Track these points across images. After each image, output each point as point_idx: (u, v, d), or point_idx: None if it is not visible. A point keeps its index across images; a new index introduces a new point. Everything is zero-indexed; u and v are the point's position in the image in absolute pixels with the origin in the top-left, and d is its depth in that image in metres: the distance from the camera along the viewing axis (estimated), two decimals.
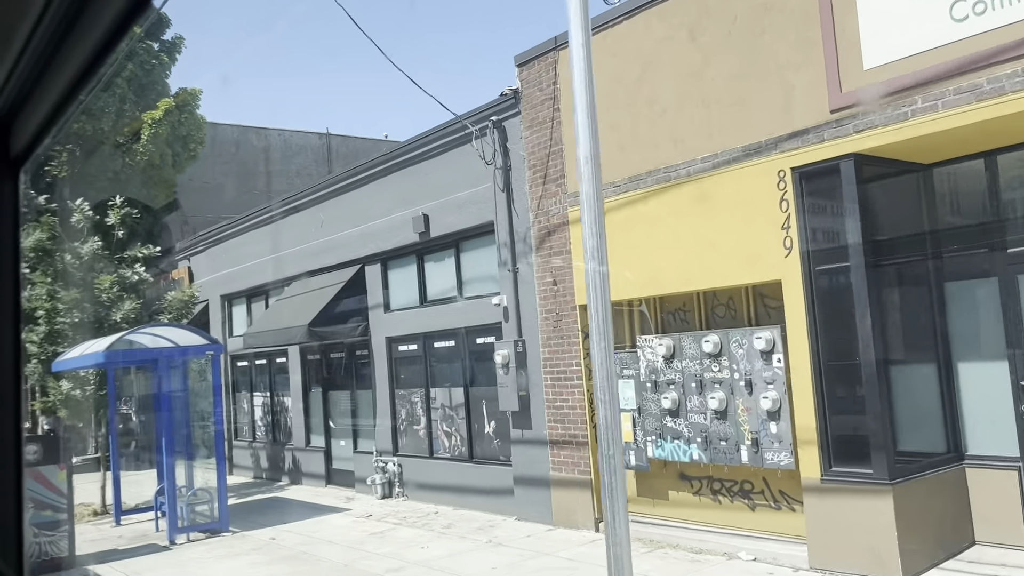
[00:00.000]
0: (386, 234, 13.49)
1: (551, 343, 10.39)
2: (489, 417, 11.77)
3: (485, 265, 11.78)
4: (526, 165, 10.73)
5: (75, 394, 14.29)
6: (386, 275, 13.91)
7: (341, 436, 15.28)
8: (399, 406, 13.64)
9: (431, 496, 12.73)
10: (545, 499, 10.50)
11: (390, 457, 13.64)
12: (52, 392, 14.19)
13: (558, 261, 10.25)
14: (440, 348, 12.73)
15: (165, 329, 12.01)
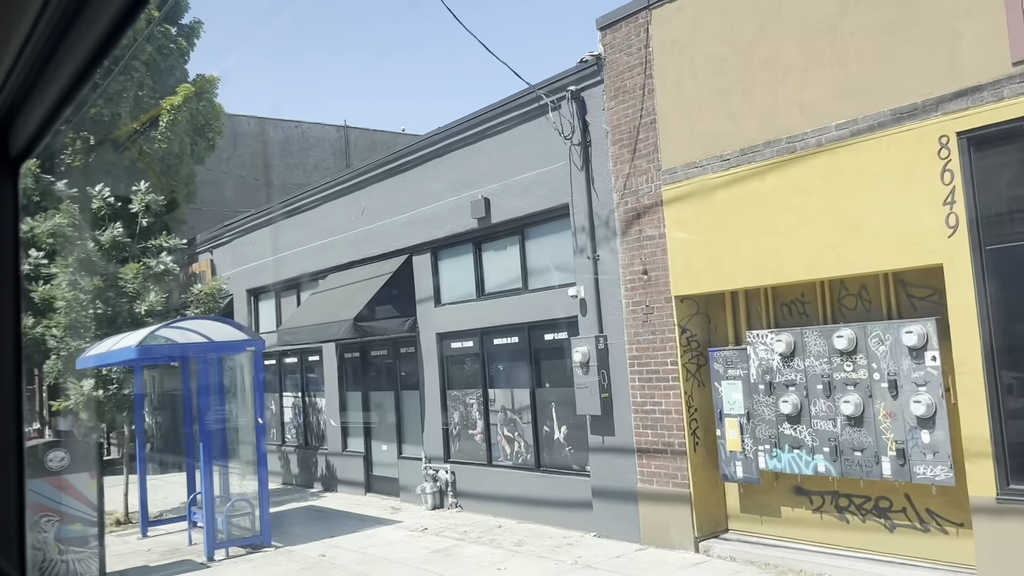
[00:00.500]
0: (438, 221, 12.36)
1: (640, 339, 9.25)
2: (560, 421, 10.64)
3: (556, 253, 10.64)
4: (609, 140, 9.60)
5: (97, 394, 13.18)
6: (437, 266, 12.78)
7: (383, 440, 14.15)
8: (451, 408, 12.51)
9: (489, 507, 11.60)
10: (631, 514, 9.37)
11: (441, 464, 12.51)
12: (73, 391, 13.07)
13: (650, 246, 9.11)
14: (501, 345, 11.59)
15: (200, 323, 10.90)
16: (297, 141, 34.38)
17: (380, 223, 13.71)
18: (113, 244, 13.90)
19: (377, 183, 13.84)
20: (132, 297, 13.57)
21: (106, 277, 13.55)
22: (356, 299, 13.07)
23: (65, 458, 9.15)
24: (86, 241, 13.75)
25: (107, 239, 13.83)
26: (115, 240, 13.89)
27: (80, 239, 13.79)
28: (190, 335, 10.83)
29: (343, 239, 14.72)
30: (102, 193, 14.48)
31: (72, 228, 13.78)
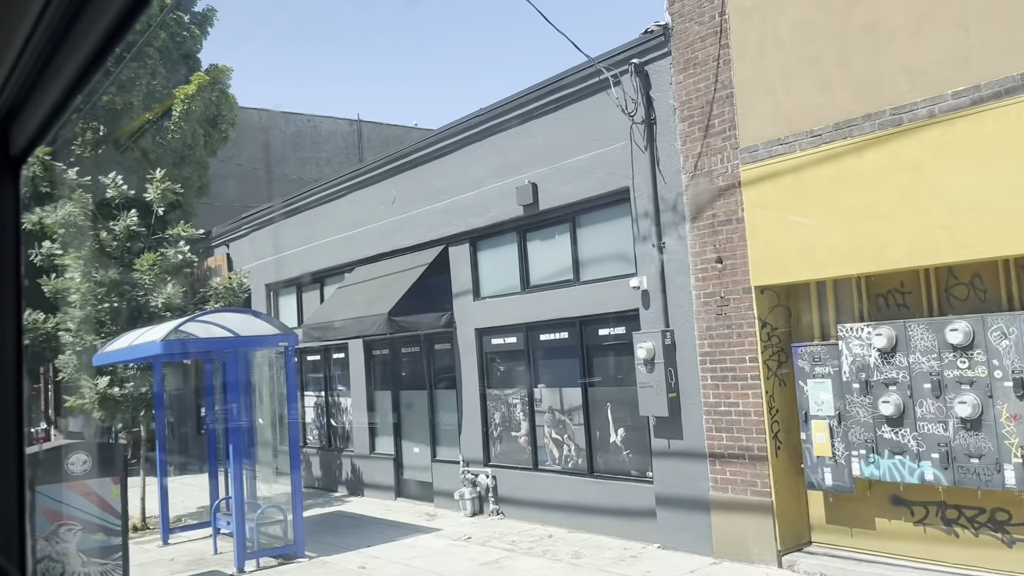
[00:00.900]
0: (478, 209, 11.60)
1: (713, 334, 8.48)
2: (616, 423, 9.86)
3: (613, 241, 9.88)
4: (677, 117, 8.83)
5: (113, 392, 12.42)
6: (476, 257, 12.01)
7: (415, 442, 13.38)
8: (492, 409, 11.74)
9: (535, 515, 10.83)
10: (701, 524, 8.60)
11: (481, 468, 11.74)
12: (87, 389, 12.31)
13: (725, 232, 8.34)
14: (548, 341, 10.82)
15: (227, 316, 10.13)
16: (309, 135, 33.69)
17: (413, 212, 12.95)
18: (128, 234, 13.16)
19: (410, 170, 13.08)
20: (148, 290, 12.82)
21: (121, 269, 12.80)
22: (389, 292, 12.31)
23: (88, 462, 8.39)
24: (99, 231, 13.00)
25: (121, 228, 13.08)
26: (129, 230, 13.14)
27: (93, 229, 13.05)
28: (216, 329, 10.07)
29: (372, 230, 13.96)
30: (115, 181, 13.74)
31: (85, 218, 13.03)
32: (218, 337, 9.62)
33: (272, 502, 10.29)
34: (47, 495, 8.12)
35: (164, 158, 20.61)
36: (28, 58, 1.11)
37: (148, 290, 12.74)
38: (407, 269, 12.72)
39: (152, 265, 12.82)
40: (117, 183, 13.72)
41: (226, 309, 11.07)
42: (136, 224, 13.10)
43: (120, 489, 8.57)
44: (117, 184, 13.66)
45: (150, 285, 12.74)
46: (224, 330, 10.09)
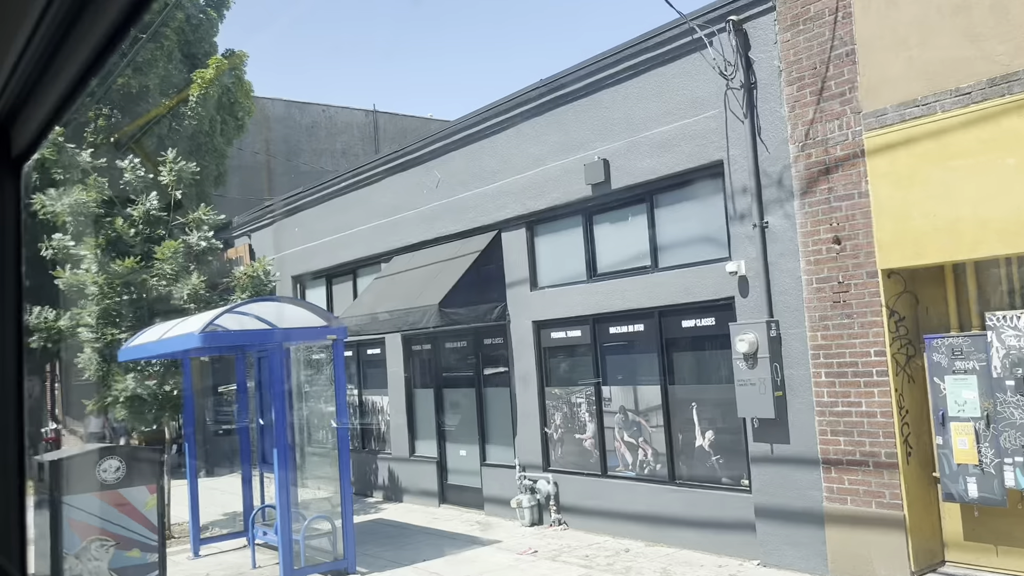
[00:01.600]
0: (537, 190, 10.60)
1: (828, 324, 7.48)
2: (703, 425, 8.87)
3: (701, 221, 8.88)
4: (783, 79, 7.83)
5: (141, 391, 11.44)
6: (533, 243, 11.02)
7: (461, 444, 12.39)
8: (552, 409, 10.75)
9: (604, 526, 9.85)
10: (813, 539, 7.61)
11: (540, 473, 10.75)
12: (116, 388, 11.32)
13: (844, 208, 7.34)
14: (620, 334, 9.83)
15: (268, 306, 9.15)
16: (324, 126, 32.75)
17: (460, 196, 11.96)
18: (147, 219, 12.17)
19: (456, 150, 12.09)
20: (171, 280, 11.83)
21: (141, 258, 11.82)
22: (438, 282, 11.32)
23: (121, 468, 7.42)
24: (116, 217, 12.00)
25: (141, 214, 12.08)
26: (149, 214, 12.15)
27: (109, 215, 12.05)
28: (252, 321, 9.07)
29: (412, 216, 12.97)
30: (133, 164, 12.76)
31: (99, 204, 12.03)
32: (261, 329, 8.63)
33: (321, 512, 9.30)
34: (77, 506, 7.15)
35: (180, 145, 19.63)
36: (30, 58, 1.11)
37: (171, 280, 11.75)
38: (455, 257, 11.74)
39: (174, 253, 11.84)
40: (135, 166, 12.74)
41: (266, 298, 10.07)
42: (156, 209, 12.10)
43: (157, 499, 7.60)
44: (135, 167, 12.67)
45: (172, 275, 11.75)
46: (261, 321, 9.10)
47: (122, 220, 11.77)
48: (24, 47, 1.08)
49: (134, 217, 11.96)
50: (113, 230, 11.67)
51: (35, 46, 1.08)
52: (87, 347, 11.68)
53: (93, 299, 11.44)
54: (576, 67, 9.96)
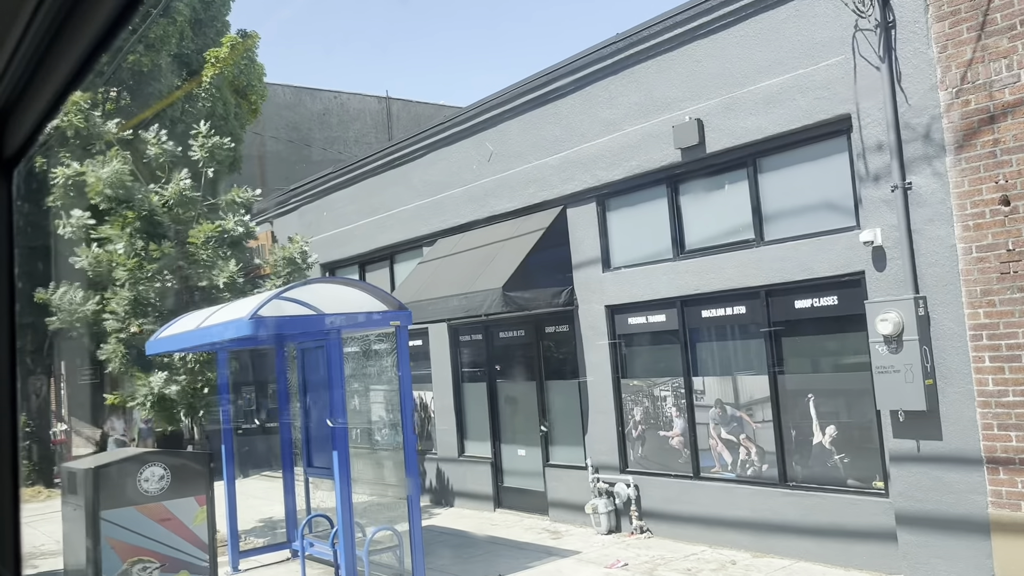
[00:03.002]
0: (612, 158, 9.49)
1: (994, 300, 6.38)
2: (823, 419, 7.76)
3: (820, 186, 7.76)
4: (930, 15, 6.71)
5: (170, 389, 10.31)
6: (605, 218, 9.90)
7: (520, 443, 11.29)
8: (630, 403, 9.64)
9: (697, 533, 8.75)
10: (975, 551, 6.51)
11: (616, 475, 9.65)
12: (141, 385, 10.19)
13: (1016, 163, 6.24)
14: (715, 318, 8.72)
15: (321, 288, 8.01)
16: (336, 113, 31.62)
17: (517, 169, 10.84)
18: (179, 199, 11.03)
19: (512, 119, 10.96)
20: (207, 265, 10.71)
21: (175, 242, 10.70)
22: (497, 265, 10.21)
23: (165, 477, 6.32)
24: (150, 194, 10.88)
25: (172, 193, 10.95)
26: (182, 195, 11.02)
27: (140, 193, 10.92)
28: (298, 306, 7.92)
29: (459, 195, 11.85)
30: (159, 138, 11.63)
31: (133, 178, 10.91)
32: (318, 314, 7.50)
33: (380, 521, 8.20)
34: (116, 522, 6.04)
35: None
36: (20, 59, 1.10)
37: (207, 266, 10.62)
38: (513, 237, 10.62)
39: (209, 237, 10.72)
40: (160, 139, 11.61)
41: (318, 279, 8.92)
42: (189, 188, 10.97)
43: (207, 512, 6.49)
44: (161, 141, 11.55)
45: (208, 260, 10.62)
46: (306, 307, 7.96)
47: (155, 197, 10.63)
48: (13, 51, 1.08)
49: (166, 197, 10.83)
50: (146, 208, 10.52)
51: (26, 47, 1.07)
52: (112, 337, 10.54)
53: (122, 284, 10.31)
54: (662, 17, 8.83)
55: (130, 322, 10.54)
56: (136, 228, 10.81)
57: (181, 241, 10.90)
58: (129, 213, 10.65)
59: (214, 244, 10.79)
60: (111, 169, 10.76)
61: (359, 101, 32.70)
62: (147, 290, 10.58)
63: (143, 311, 10.55)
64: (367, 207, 13.90)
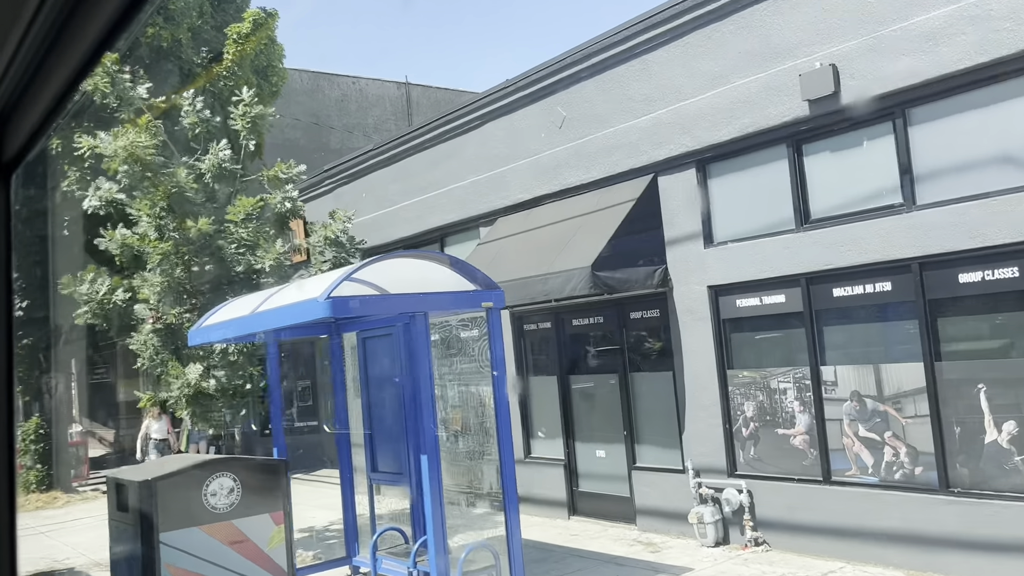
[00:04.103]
0: (717, 117, 8.29)
1: None
2: (999, 414, 6.56)
3: (997, 135, 6.56)
4: None
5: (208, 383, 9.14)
6: (707, 186, 8.71)
7: (598, 442, 10.10)
8: (739, 397, 8.45)
9: (827, 546, 7.56)
10: None
11: (723, 479, 8.46)
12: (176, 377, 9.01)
13: None
14: (850, 297, 7.51)
15: (398, 264, 6.80)
16: (355, 99, 30.43)
17: (596, 135, 9.65)
18: (218, 172, 9.86)
19: (588, 79, 9.76)
20: (249, 247, 9.53)
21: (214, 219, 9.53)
22: (579, 243, 9.02)
23: (236, 490, 5.14)
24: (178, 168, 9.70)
25: (210, 165, 9.77)
26: (221, 167, 9.84)
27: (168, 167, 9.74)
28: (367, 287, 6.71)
29: (524, 167, 10.66)
30: (194, 105, 10.47)
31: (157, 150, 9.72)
32: (401, 295, 6.30)
33: (484, 544, 7.02)
34: (177, 547, 4.86)
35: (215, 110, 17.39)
36: (20, 62, 1.10)
37: (249, 247, 9.45)
38: (594, 211, 9.43)
39: (252, 214, 9.55)
40: (196, 107, 10.44)
41: (393, 255, 7.69)
42: (229, 160, 9.80)
43: (285, 531, 5.31)
44: (196, 109, 10.37)
45: (251, 240, 9.45)
46: (374, 287, 6.74)
47: (186, 172, 9.46)
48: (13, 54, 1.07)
49: (201, 170, 9.66)
50: (175, 184, 9.34)
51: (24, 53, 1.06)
52: (145, 327, 9.36)
53: (155, 269, 9.14)
54: None
55: (163, 310, 9.37)
56: (165, 206, 9.65)
57: (218, 220, 9.73)
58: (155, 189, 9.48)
59: (256, 222, 9.62)
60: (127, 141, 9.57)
61: (378, 87, 31.51)
62: (181, 275, 9.42)
63: (178, 298, 9.38)
64: (413, 186, 12.71)
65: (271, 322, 6.72)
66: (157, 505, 4.82)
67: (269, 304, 6.92)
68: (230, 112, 10.79)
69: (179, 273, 9.32)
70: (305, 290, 6.62)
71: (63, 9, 0.97)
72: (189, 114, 10.34)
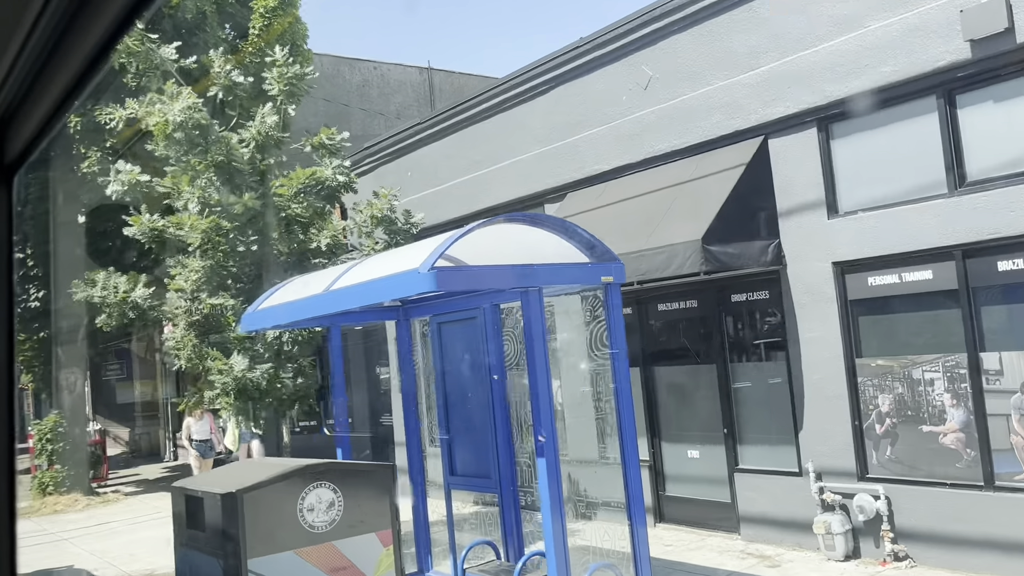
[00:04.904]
0: (849, 67, 7.19)
1: None
2: None
3: None
4: None
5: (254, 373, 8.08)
6: (829, 148, 7.62)
7: (690, 443, 9.03)
8: (870, 389, 7.35)
9: (992, 563, 6.47)
10: None
11: (852, 483, 7.38)
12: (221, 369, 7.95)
13: None
14: (1016, 272, 6.43)
15: (504, 230, 5.72)
16: (377, 85, 29.34)
17: (690, 95, 8.56)
18: (264, 140, 8.82)
19: (680, 32, 8.67)
20: (303, 223, 8.48)
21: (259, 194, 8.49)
22: (680, 216, 7.95)
23: (336, 504, 4.08)
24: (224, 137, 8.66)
25: (256, 134, 8.73)
26: (268, 135, 8.80)
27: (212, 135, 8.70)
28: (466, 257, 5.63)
29: (601, 135, 9.58)
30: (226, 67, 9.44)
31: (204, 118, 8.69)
32: (513, 265, 5.23)
33: (607, 563, 5.96)
34: None
35: None
36: (23, 65, 1.10)
37: (303, 224, 8.40)
38: (690, 180, 8.35)
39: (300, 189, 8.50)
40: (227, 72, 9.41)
41: (492, 221, 6.56)
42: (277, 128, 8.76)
43: (394, 553, 4.25)
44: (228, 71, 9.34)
45: (305, 217, 8.40)
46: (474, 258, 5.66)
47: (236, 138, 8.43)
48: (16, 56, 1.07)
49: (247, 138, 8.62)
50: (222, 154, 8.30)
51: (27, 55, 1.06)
52: (181, 320, 8.30)
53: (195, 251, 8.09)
54: None
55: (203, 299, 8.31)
56: (211, 177, 8.62)
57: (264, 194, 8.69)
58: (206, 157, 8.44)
59: (311, 196, 8.58)
60: (183, 105, 8.54)
61: (400, 72, 30.42)
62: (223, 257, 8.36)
63: (222, 283, 8.33)
64: (466, 162, 11.64)
65: (353, 300, 5.67)
66: (244, 524, 3.77)
67: (347, 280, 5.85)
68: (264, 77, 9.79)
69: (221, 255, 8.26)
70: (391, 262, 5.56)
71: (66, 12, 0.97)
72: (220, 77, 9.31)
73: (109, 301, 8.34)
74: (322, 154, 9.14)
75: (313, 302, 6.15)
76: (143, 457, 24.50)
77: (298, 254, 8.62)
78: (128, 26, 0.98)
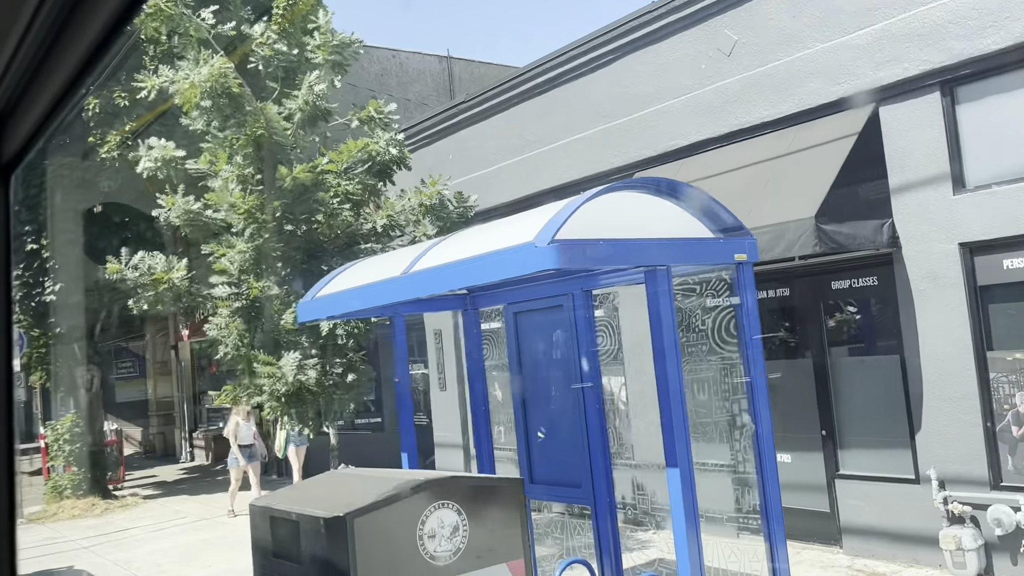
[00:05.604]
0: (985, 20, 6.34)
1: None
2: None
3: None
4: None
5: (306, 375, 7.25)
6: (954, 115, 6.76)
7: (780, 445, 8.17)
8: (1005, 387, 6.51)
9: None
10: None
11: (984, 492, 6.54)
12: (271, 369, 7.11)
13: None
14: None
15: (621, 199, 4.87)
16: (395, 73, 28.49)
17: (782, 61, 7.72)
18: (311, 112, 8.01)
19: None
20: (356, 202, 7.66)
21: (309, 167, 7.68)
22: (790, 191, 7.12)
23: (460, 528, 3.24)
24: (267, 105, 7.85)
25: (304, 104, 7.92)
26: (316, 106, 7.99)
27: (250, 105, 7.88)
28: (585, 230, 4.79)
29: (678, 107, 8.74)
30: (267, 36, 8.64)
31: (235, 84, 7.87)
32: (641, 239, 4.40)
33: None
34: None
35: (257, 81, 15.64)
36: (20, 62, 1.08)
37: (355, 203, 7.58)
38: (784, 155, 7.51)
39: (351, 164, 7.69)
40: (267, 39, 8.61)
41: (612, 187, 5.64)
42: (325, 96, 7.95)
43: None
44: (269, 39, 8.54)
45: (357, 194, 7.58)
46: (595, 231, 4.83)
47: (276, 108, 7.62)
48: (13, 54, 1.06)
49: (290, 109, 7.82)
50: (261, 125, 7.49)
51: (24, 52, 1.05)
52: (223, 309, 7.48)
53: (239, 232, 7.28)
54: None
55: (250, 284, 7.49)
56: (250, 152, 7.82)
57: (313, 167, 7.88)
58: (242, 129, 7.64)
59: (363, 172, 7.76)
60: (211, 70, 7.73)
61: (419, 60, 29.58)
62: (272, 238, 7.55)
63: (271, 267, 7.51)
64: (518, 142, 10.81)
65: (444, 283, 4.86)
66: (354, 556, 2.95)
67: (431, 260, 5.02)
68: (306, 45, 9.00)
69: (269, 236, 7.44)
70: (489, 238, 4.73)
71: (63, 9, 0.96)
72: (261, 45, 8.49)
73: (143, 282, 7.54)
74: (372, 126, 8.33)
75: (390, 286, 5.31)
76: (158, 458, 23.74)
77: (347, 236, 7.81)
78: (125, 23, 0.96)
